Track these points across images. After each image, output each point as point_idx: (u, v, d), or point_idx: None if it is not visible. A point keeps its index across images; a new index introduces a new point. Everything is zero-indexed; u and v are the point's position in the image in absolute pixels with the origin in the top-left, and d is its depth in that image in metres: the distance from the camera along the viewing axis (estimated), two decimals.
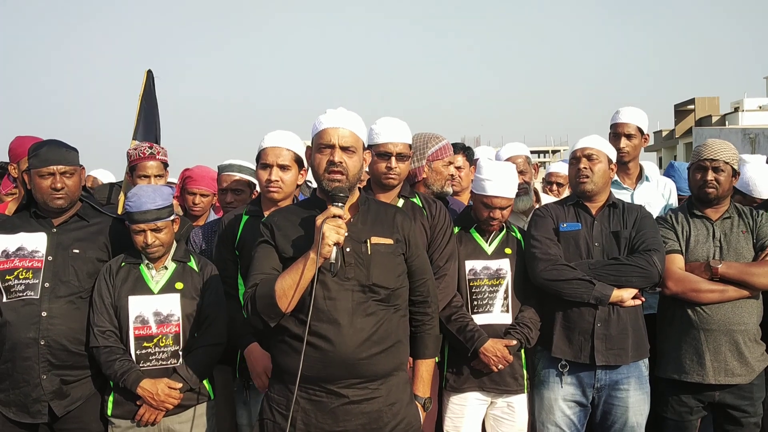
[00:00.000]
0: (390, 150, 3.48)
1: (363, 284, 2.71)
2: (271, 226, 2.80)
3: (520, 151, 4.70)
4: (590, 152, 3.67)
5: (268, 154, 3.45)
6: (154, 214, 3.26)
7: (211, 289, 3.38)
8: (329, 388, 2.68)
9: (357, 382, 2.69)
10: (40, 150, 3.35)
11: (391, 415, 2.75)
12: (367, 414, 2.71)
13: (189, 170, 4.68)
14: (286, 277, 2.63)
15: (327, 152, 2.75)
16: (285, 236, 2.76)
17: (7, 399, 3.30)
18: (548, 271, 3.52)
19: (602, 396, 3.59)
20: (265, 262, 2.75)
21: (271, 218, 2.86)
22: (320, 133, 2.78)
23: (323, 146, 2.76)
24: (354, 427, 2.70)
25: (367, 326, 2.70)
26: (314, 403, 2.68)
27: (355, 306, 2.69)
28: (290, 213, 2.87)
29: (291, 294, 2.61)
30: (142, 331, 3.26)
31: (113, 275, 3.32)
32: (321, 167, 2.75)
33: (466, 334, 3.51)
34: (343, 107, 2.85)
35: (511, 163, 3.93)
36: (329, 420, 2.68)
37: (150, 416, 3.24)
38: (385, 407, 2.74)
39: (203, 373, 3.34)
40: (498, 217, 3.63)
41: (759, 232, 3.70)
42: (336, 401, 2.68)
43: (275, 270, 2.72)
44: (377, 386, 2.73)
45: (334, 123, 2.77)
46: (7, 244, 3.36)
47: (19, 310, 3.27)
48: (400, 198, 3.62)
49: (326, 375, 2.66)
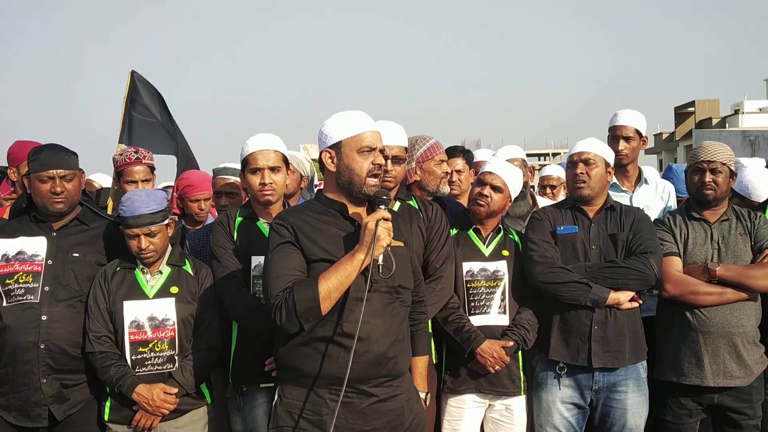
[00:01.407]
0: (386, 153, 3.49)
1: (390, 285, 2.74)
2: (293, 228, 2.71)
3: (516, 153, 4.71)
4: (587, 156, 3.67)
5: (257, 158, 3.41)
6: (147, 218, 3.25)
7: (206, 292, 3.38)
8: (360, 388, 2.68)
9: (385, 381, 2.73)
10: (40, 154, 3.35)
11: (409, 410, 2.81)
12: (392, 411, 2.74)
13: (186, 179, 4.68)
14: (331, 279, 2.57)
15: (371, 155, 2.73)
16: (308, 237, 2.70)
17: (7, 403, 3.30)
18: (545, 274, 3.53)
19: (600, 398, 3.59)
20: (290, 263, 2.65)
21: (286, 219, 2.75)
22: (361, 136, 2.73)
23: (366, 149, 2.72)
24: (381, 425, 2.72)
25: (394, 326, 2.76)
26: (344, 405, 2.64)
27: (383, 307, 2.72)
28: (302, 214, 2.78)
29: (336, 296, 2.59)
30: (137, 336, 3.26)
31: (108, 280, 3.31)
32: (365, 170, 2.72)
33: (462, 335, 3.52)
34: (362, 112, 2.82)
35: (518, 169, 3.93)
36: (359, 420, 2.69)
37: (146, 421, 3.23)
38: (405, 403, 2.80)
39: (199, 377, 3.34)
40: (486, 194, 3.63)
41: (757, 234, 3.69)
42: (366, 401, 2.69)
43: (299, 272, 2.65)
44: (399, 383, 2.78)
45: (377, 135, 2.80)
46: (7, 248, 3.37)
47: (19, 314, 3.27)
48: (396, 201, 3.63)
49: (359, 375, 2.65)
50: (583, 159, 3.67)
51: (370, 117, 2.82)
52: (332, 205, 2.79)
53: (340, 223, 2.77)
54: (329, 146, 2.76)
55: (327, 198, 2.82)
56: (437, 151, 3.89)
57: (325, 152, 2.78)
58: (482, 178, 3.72)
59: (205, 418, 3.41)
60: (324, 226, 2.74)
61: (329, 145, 2.76)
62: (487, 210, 3.67)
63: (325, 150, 2.78)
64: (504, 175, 3.70)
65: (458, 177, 4.53)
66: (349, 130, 2.75)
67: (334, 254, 2.67)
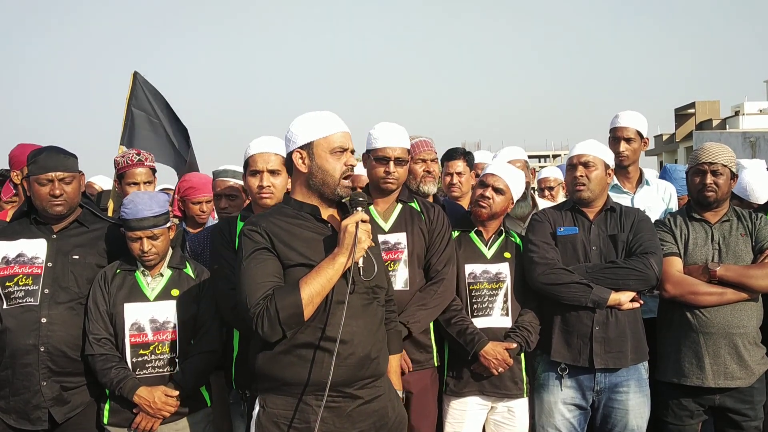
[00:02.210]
0: (388, 155, 3.49)
1: (367, 286, 2.73)
2: (267, 233, 2.64)
3: (518, 155, 4.70)
4: (586, 159, 3.67)
5: (257, 160, 3.40)
6: (150, 221, 3.25)
7: (207, 295, 3.37)
8: (347, 392, 2.66)
9: (369, 382, 2.72)
10: (39, 157, 3.35)
11: (392, 409, 2.81)
12: (377, 412, 2.73)
13: (188, 180, 4.68)
14: (312, 283, 2.53)
15: (344, 155, 2.70)
16: (283, 243, 2.64)
17: (7, 406, 3.30)
18: (546, 275, 3.52)
19: (602, 399, 3.58)
20: (267, 270, 2.59)
21: (258, 225, 2.67)
22: (333, 137, 2.71)
23: (338, 150, 2.70)
24: (367, 427, 2.71)
25: (374, 327, 2.75)
26: (331, 410, 2.62)
27: (363, 308, 2.71)
28: (274, 219, 2.71)
29: (318, 301, 2.56)
30: (137, 339, 3.25)
31: (108, 282, 3.30)
32: (339, 171, 2.69)
33: (466, 337, 3.51)
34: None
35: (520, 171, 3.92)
36: (347, 424, 2.66)
37: (146, 424, 3.22)
38: (388, 403, 2.79)
39: (200, 380, 3.33)
40: (488, 195, 3.63)
41: (758, 235, 3.69)
42: (352, 404, 2.67)
43: (277, 278, 2.60)
44: (381, 383, 2.78)
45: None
46: (8, 250, 3.37)
47: (19, 317, 3.27)
48: (398, 203, 3.63)
49: (345, 379, 2.63)
50: (583, 161, 3.67)
51: (339, 118, 2.77)
52: (303, 207, 2.74)
53: (314, 225, 2.72)
54: (299, 147, 2.71)
55: (296, 201, 2.76)
56: (420, 150, 3.89)
57: (296, 153, 2.71)
58: (484, 180, 3.71)
59: (205, 421, 3.40)
60: (298, 230, 2.68)
61: (300, 145, 2.70)
62: (489, 212, 3.66)
63: (295, 150, 2.71)
64: (506, 177, 3.70)
65: (459, 179, 4.54)
66: (321, 130, 2.70)
67: (311, 258, 2.62)
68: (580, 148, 3.72)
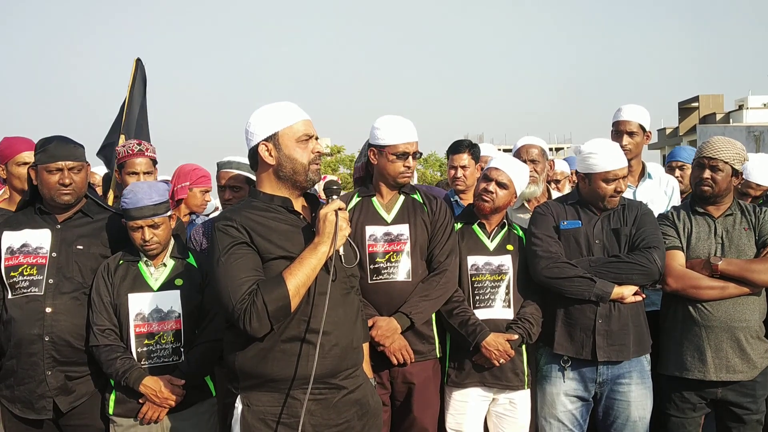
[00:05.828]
0: (408, 150, 3.53)
1: (346, 275, 2.74)
2: (244, 228, 2.59)
3: (535, 141, 4.60)
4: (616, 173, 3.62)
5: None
6: (150, 210, 3.26)
7: (210, 284, 3.36)
8: (332, 383, 2.67)
9: (351, 371, 2.74)
10: (49, 146, 3.36)
11: (371, 396, 2.84)
12: (359, 401, 2.75)
13: (199, 169, 4.68)
14: (297, 274, 2.51)
15: (309, 142, 2.70)
16: (261, 236, 2.60)
17: (12, 395, 3.32)
18: (549, 269, 3.53)
19: (604, 391, 3.60)
20: (248, 264, 2.54)
21: (233, 220, 2.61)
22: (297, 125, 2.69)
23: (304, 138, 2.69)
24: (351, 416, 2.72)
25: (352, 315, 2.77)
26: (318, 402, 2.63)
27: (342, 297, 2.72)
28: (247, 213, 2.66)
29: (303, 292, 2.54)
30: (142, 329, 3.26)
31: (111, 273, 3.31)
32: (307, 158, 2.68)
33: (468, 328, 3.53)
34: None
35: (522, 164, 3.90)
36: (333, 414, 2.67)
37: (153, 414, 3.24)
38: (368, 391, 2.82)
39: (205, 369, 3.35)
40: (492, 190, 3.64)
41: (761, 229, 3.68)
42: (337, 395, 2.68)
43: (258, 272, 2.55)
44: (359, 372, 2.81)
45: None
46: (12, 240, 3.38)
47: (24, 307, 3.29)
48: (401, 194, 3.65)
49: (330, 370, 2.64)
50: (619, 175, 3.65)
51: (298, 106, 2.75)
52: (273, 200, 2.70)
53: (286, 217, 2.69)
54: (264, 139, 2.67)
55: (265, 194, 2.72)
56: None
57: (261, 145, 2.67)
58: (488, 174, 3.72)
59: (210, 411, 3.42)
60: (273, 223, 2.65)
61: (264, 138, 2.67)
62: (492, 206, 3.67)
63: (260, 143, 2.67)
64: (510, 171, 3.70)
65: (464, 172, 4.51)
66: (283, 120, 2.68)
67: (290, 250, 2.60)
68: (611, 162, 3.65)
